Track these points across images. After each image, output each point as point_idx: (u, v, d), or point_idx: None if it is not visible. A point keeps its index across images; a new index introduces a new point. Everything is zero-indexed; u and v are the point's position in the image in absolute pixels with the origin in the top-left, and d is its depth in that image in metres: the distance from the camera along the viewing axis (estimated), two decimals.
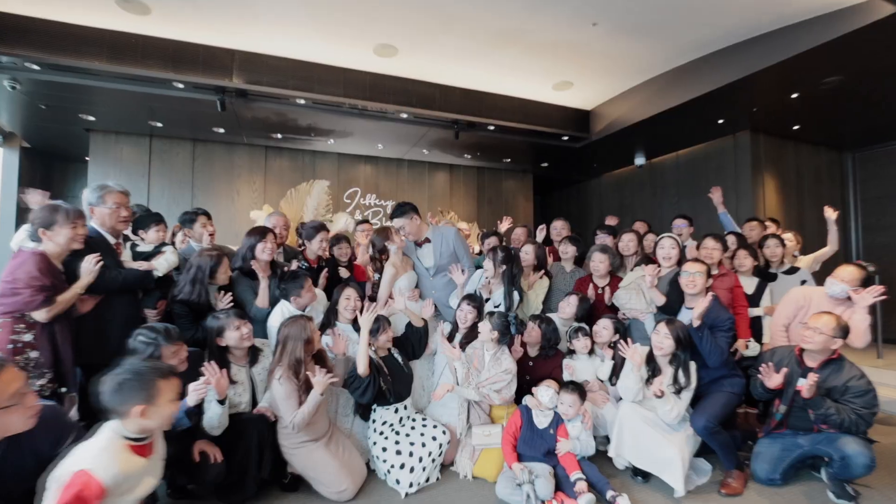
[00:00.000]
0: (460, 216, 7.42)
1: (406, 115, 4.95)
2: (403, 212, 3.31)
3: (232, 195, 6.19)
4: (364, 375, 2.42)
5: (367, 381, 2.42)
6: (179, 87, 4.13)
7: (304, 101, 4.51)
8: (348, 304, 2.82)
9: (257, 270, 2.78)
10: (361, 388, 2.43)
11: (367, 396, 2.43)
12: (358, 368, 2.43)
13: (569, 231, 4.26)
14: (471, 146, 6.27)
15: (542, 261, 3.49)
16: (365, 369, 2.42)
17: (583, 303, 3.18)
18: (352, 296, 2.86)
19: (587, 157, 6.94)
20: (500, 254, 3.10)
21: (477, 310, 3.04)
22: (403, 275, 3.29)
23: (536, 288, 3.42)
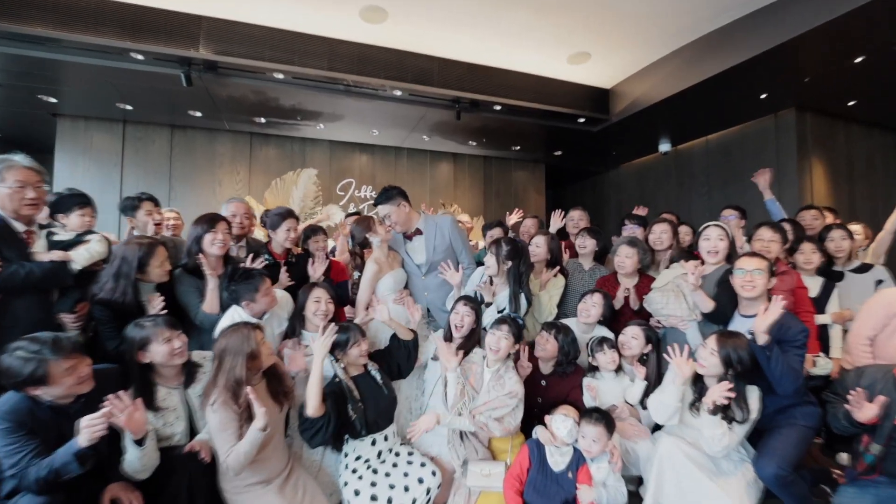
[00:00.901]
0: (465, 210, 6.90)
1: (400, 91, 4.45)
2: (389, 197, 2.82)
3: (213, 186, 5.77)
4: (315, 416, 1.92)
5: (319, 423, 1.92)
6: (139, 58, 3.69)
7: (282, 75, 4.04)
8: (318, 309, 2.34)
9: (204, 267, 2.31)
10: (311, 431, 1.93)
11: (318, 440, 1.94)
12: (307, 407, 1.93)
13: (588, 222, 3.73)
14: (475, 131, 5.75)
15: (557, 255, 2.97)
16: (315, 409, 1.91)
17: (606, 300, 2.66)
18: (322, 297, 2.38)
19: (605, 144, 6.38)
20: (504, 247, 2.59)
21: (475, 312, 2.54)
22: (389, 273, 2.80)
23: (549, 288, 2.90)
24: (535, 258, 2.83)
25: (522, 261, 2.61)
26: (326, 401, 1.95)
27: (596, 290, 2.74)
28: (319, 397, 1.90)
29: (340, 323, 2.27)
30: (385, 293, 2.82)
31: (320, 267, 2.84)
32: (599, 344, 2.47)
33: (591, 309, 2.66)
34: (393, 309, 2.81)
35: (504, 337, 2.25)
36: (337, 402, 1.99)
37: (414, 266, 2.93)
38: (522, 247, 2.66)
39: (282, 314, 2.38)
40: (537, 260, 2.84)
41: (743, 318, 2.29)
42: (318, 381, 1.93)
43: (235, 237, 2.93)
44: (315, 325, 2.36)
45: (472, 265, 2.98)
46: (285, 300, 2.41)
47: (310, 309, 2.35)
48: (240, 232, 2.92)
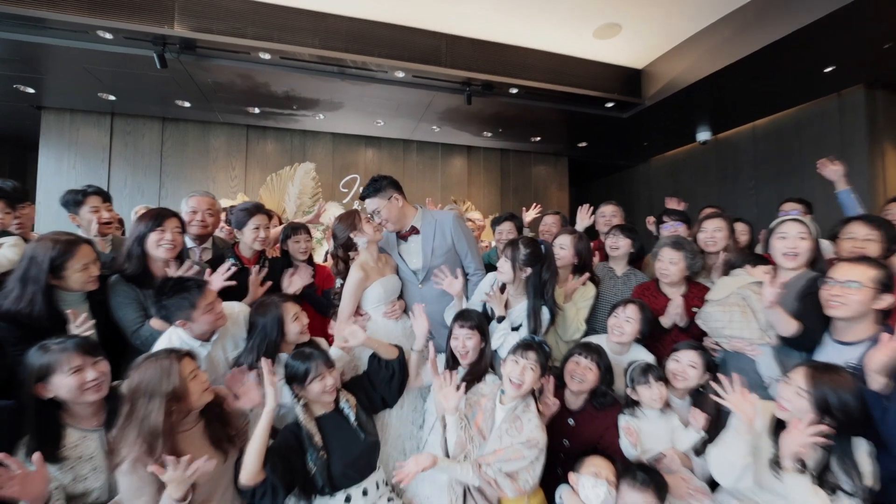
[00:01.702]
0: (480, 208, 6.41)
1: (403, 73, 4.00)
2: (378, 189, 2.37)
3: (207, 183, 5.45)
4: (250, 485, 1.47)
5: (261, 490, 1.48)
6: (107, 37, 3.35)
7: (268, 55, 3.65)
8: (298, 327, 1.92)
9: (155, 273, 1.92)
10: (258, 496, 1.48)
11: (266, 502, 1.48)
12: (241, 471, 1.48)
13: (622, 218, 3.20)
14: (490, 119, 5.25)
15: (586, 259, 2.47)
16: (252, 476, 1.47)
17: (644, 313, 2.15)
18: (301, 316, 1.96)
19: (636, 132, 5.79)
20: (523, 249, 2.12)
21: (479, 333, 2.08)
22: (377, 281, 2.35)
23: (577, 300, 2.40)
24: (560, 262, 2.33)
25: (546, 266, 2.13)
26: (268, 460, 1.49)
27: (631, 301, 2.23)
28: (259, 463, 1.45)
29: (298, 349, 1.83)
30: (373, 305, 2.37)
31: (300, 280, 2.40)
32: (644, 374, 1.95)
33: (626, 325, 2.16)
34: (382, 325, 2.38)
35: (531, 367, 1.78)
36: (289, 456, 1.54)
37: (409, 272, 2.47)
38: (546, 249, 2.16)
39: (238, 334, 1.95)
40: (562, 265, 2.34)
41: (838, 344, 1.74)
42: (259, 443, 1.49)
43: (197, 237, 2.54)
44: None
45: (479, 271, 2.51)
46: (243, 316, 1.98)
47: (292, 328, 1.91)
48: (202, 231, 2.53)
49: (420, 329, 2.11)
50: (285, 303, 1.91)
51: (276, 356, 1.89)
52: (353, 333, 1.93)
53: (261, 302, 1.93)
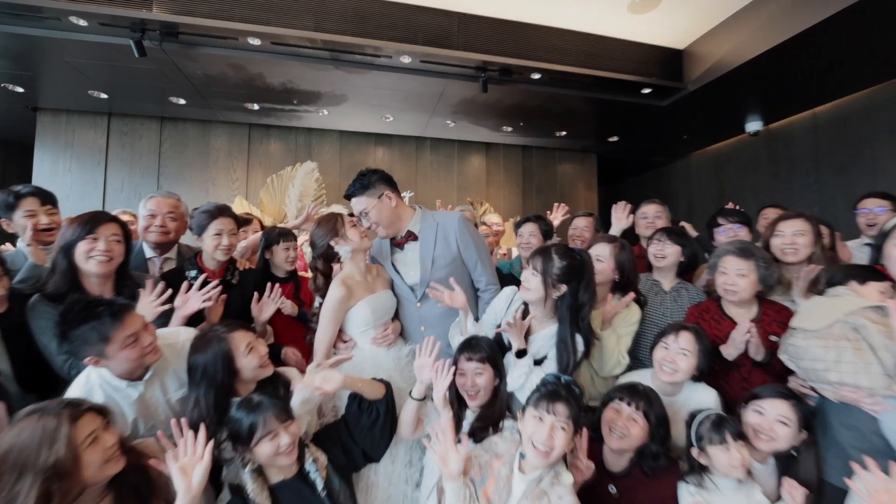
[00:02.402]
0: (500, 211, 5.94)
1: (409, 58, 3.59)
2: (366, 185, 1.97)
3: (206, 186, 5.19)
4: None
5: None
6: (81, 24, 3.07)
7: (258, 40, 3.30)
8: (254, 361, 1.53)
9: (89, 291, 1.56)
10: None
11: None
12: None
13: (667, 219, 2.69)
14: (509, 111, 4.79)
15: (630, 274, 1.98)
16: None
17: (702, 342, 1.66)
18: (257, 345, 1.56)
19: (676, 123, 5.21)
20: (557, 260, 1.67)
21: (491, 368, 1.63)
22: (365, 299, 1.92)
23: (618, 326, 1.92)
24: (597, 278, 1.85)
25: (584, 284, 1.66)
26: None
27: (684, 328, 1.74)
28: None
29: (242, 396, 1.42)
30: (360, 329, 1.95)
31: (272, 306, 2.01)
32: (717, 429, 1.46)
33: (680, 359, 1.67)
34: (371, 354, 1.94)
35: (561, 426, 1.32)
36: None
37: (405, 287, 2.04)
38: (585, 262, 1.69)
39: (180, 368, 1.55)
40: (600, 281, 1.86)
41: None
42: None
43: (158, 245, 2.18)
44: None
45: (492, 286, 2.05)
46: (177, 349, 1.57)
47: (247, 366, 1.51)
48: (162, 238, 2.16)
49: (424, 371, 1.65)
50: (232, 333, 1.50)
51: (229, 402, 1.49)
52: (326, 378, 1.50)
53: (200, 335, 1.53)
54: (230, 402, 1.50)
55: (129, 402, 1.47)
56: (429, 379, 1.68)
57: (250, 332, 1.58)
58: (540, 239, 2.55)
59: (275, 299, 2.02)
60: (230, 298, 2.05)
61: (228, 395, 1.52)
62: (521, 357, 1.68)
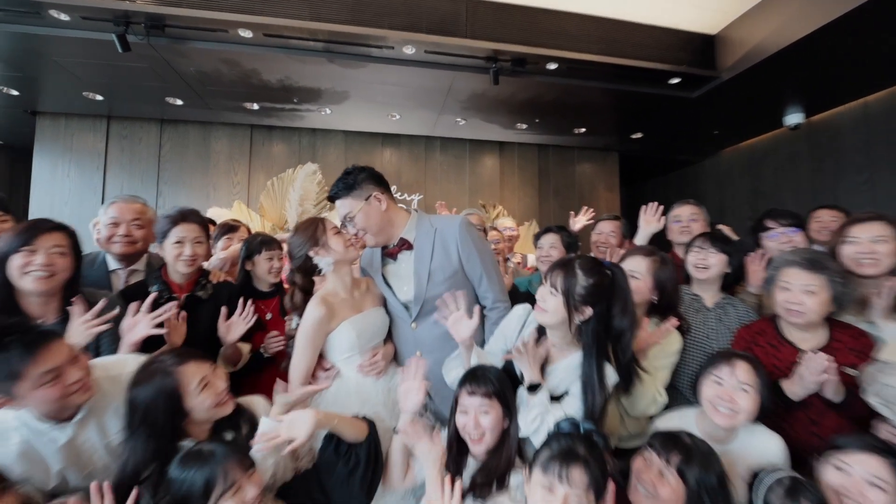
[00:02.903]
0: (514, 214, 5.63)
1: (413, 48, 3.33)
2: (351, 184, 1.71)
3: (207, 190, 5.02)
4: None
5: None
6: (63, 18, 2.90)
7: (250, 32, 3.09)
8: (209, 399, 1.28)
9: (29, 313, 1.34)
10: None
11: None
12: None
13: (704, 222, 2.35)
14: (524, 106, 4.48)
15: (670, 293, 1.66)
16: None
17: (761, 376, 1.36)
18: (214, 379, 1.31)
19: (706, 117, 4.81)
20: (582, 276, 1.37)
21: (500, 405, 1.35)
22: (349, 320, 1.65)
23: (655, 357, 1.60)
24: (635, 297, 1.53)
25: (618, 306, 1.36)
26: None
27: (740, 356, 1.42)
28: None
29: (194, 439, 1.16)
30: (344, 355, 1.67)
31: (241, 326, 1.75)
32: (792, 497, 1.13)
33: (740, 396, 1.37)
34: (356, 386, 1.66)
35: (578, 498, 1.02)
36: None
37: (398, 304, 1.76)
38: (617, 278, 1.39)
39: (112, 406, 1.29)
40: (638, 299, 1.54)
41: None
42: None
43: (122, 257, 1.95)
44: None
45: (501, 304, 1.76)
46: (115, 381, 1.32)
47: (200, 406, 1.27)
48: (128, 249, 1.93)
49: (411, 398, 1.40)
50: (182, 366, 1.24)
51: (176, 448, 1.23)
52: (293, 424, 1.24)
53: (142, 366, 1.27)
54: (177, 447, 1.25)
55: (53, 448, 1.22)
56: (416, 406, 1.41)
57: (205, 365, 1.31)
58: (562, 251, 2.24)
59: (246, 318, 1.76)
60: (199, 317, 1.81)
61: (174, 439, 1.26)
62: (534, 392, 1.37)
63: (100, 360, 1.40)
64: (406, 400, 1.43)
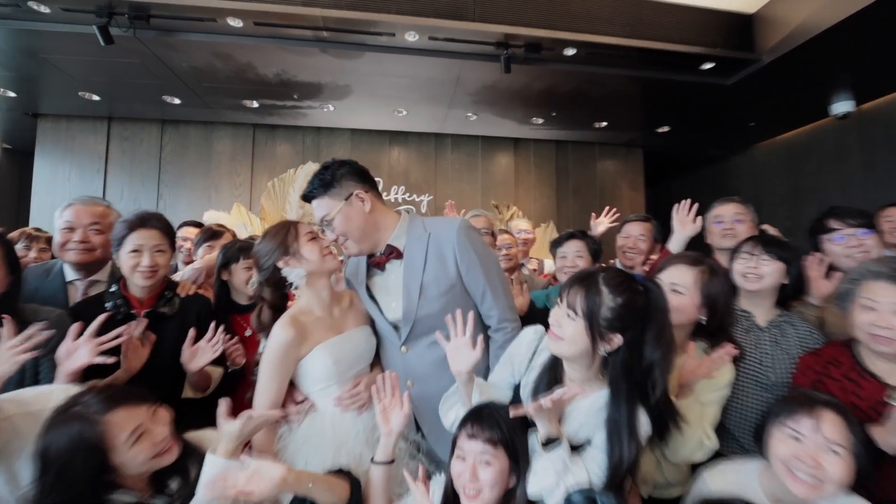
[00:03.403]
0: (530, 215, 5.31)
1: (416, 35, 3.07)
2: (328, 182, 1.45)
3: (209, 192, 4.87)
4: None
5: None
6: (44, 10, 2.74)
7: (240, 21, 2.88)
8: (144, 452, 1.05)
9: None
10: None
11: None
12: None
13: (752, 224, 2.02)
14: (540, 98, 4.17)
15: (724, 312, 1.35)
16: None
17: (852, 425, 1.04)
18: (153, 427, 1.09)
19: (742, 106, 4.41)
20: (608, 294, 1.08)
21: (505, 454, 1.06)
22: (323, 344, 1.39)
23: (702, 391, 1.29)
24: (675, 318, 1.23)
25: (653, 333, 1.07)
26: None
27: (822, 403, 1.11)
28: None
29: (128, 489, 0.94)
30: (319, 385, 1.41)
31: (208, 354, 1.50)
32: None
33: (828, 460, 1.08)
34: (333, 423, 1.40)
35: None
36: None
37: (385, 324, 1.50)
38: (654, 297, 1.10)
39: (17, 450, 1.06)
40: (677, 323, 1.24)
41: None
42: None
43: (80, 266, 1.74)
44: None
45: (507, 323, 1.48)
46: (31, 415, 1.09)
47: (134, 461, 1.04)
48: (86, 257, 1.72)
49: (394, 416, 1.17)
50: (110, 412, 1.01)
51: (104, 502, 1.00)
52: (254, 477, 0.99)
53: (59, 408, 1.04)
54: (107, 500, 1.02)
55: None
56: (401, 426, 1.17)
57: (141, 409, 1.07)
58: (589, 261, 1.94)
59: (215, 345, 1.51)
60: (162, 337, 1.58)
61: (100, 495, 1.03)
62: (550, 448, 1.08)
63: (16, 393, 1.17)
64: (387, 419, 1.20)
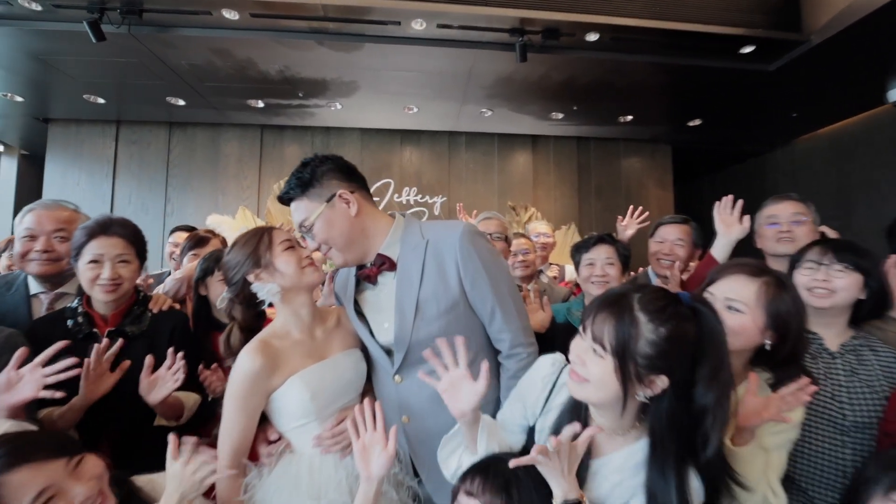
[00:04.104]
0: (550, 217, 5.03)
1: (424, 23, 2.85)
2: (306, 182, 1.24)
3: (216, 196, 4.77)
4: None
5: None
6: (35, 7, 2.64)
7: (235, 14, 2.72)
8: None
9: None
10: None
11: None
12: None
13: (813, 226, 1.74)
14: (559, 91, 3.90)
15: (796, 336, 1.07)
16: None
17: None
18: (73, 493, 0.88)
19: (785, 95, 4.04)
20: (647, 324, 0.82)
21: None
22: (300, 374, 1.18)
23: (766, 435, 1.02)
24: (735, 344, 0.97)
25: (704, 367, 0.82)
26: None
27: None
28: None
29: None
30: (296, 423, 1.19)
31: (169, 384, 1.30)
32: None
33: None
34: (310, 469, 1.18)
35: None
36: None
37: (376, 348, 1.28)
38: (708, 324, 0.84)
39: None
40: (734, 349, 0.97)
41: None
42: None
43: (45, 278, 1.59)
44: None
45: (521, 348, 1.24)
46: None
47: None
48: (48, 269, 1.56)
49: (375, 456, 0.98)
50: (9, 472, 0.81)
51: None
52: None
53: None
54: None
55: None
56: (384, 470, 0.95)
57: (55, 465, 0.87)
58: (620, 269, 1.68)
59: (177, 374, 1.31)
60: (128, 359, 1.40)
61: None
62: None
63: None
64: (367, 461, 0.98)
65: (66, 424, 1.36)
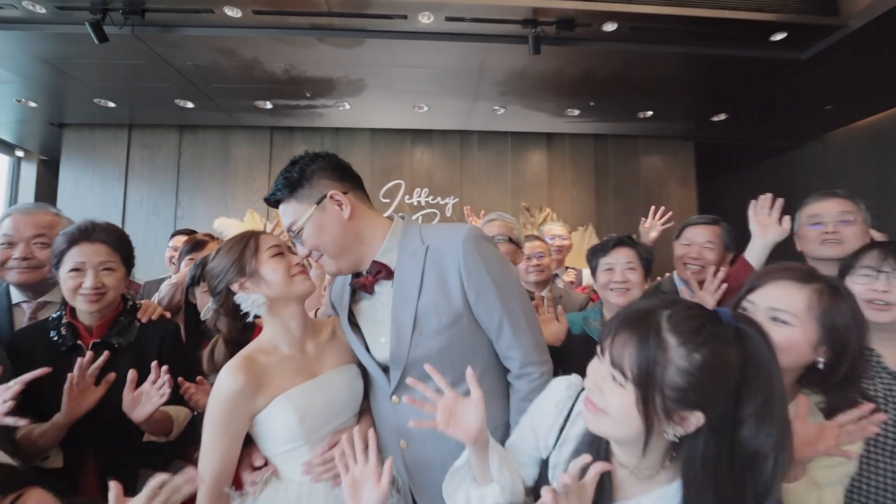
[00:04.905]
0: (567, 218, 4.87)
1: (430, 16, 2.74)
2: (294, 182, 1.12)
3: (225, 199, 4.75)
4: None
5: None
6: (39, 11, 2.62)
7: (238, 11, 2.66)
8: None
9: None
10: None
11: None
12: None
13: (863, 227, 1.57)
14: (575, 85, 3.74)
15: (854, 351, 0.91)
16: None
17: None
18: None
19: (818, 86, 3.80)
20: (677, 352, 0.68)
21: None
22: (289, 393, 1.07)
23: (819, 469, 0.86)
24: (787, 361, 0.82)
25: (751, 401, 0.68)
26: None
27: None
28: None
29: None
30: (284, 447, 1.08)
31: (156, 399, 1.21)
32: None
33: None
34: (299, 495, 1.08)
35: None
36: None
37: (372, 364, 1.16)
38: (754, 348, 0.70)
39: None
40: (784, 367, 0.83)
41: None
42: None
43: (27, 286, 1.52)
44: None
45: (533, 367, 1.10)
46: None
47: None
48: (29, 277, 1.49)
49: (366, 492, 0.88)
50: None
51: None
52: None
53: None
54: None
55: None
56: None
57: None
58: (642, 274, 1.53)
59: (161, 388, 1.22)
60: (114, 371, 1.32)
61: None
62: None
63: None
64: (357, 497, 0.87)
65: (48, 443, 1.29)
